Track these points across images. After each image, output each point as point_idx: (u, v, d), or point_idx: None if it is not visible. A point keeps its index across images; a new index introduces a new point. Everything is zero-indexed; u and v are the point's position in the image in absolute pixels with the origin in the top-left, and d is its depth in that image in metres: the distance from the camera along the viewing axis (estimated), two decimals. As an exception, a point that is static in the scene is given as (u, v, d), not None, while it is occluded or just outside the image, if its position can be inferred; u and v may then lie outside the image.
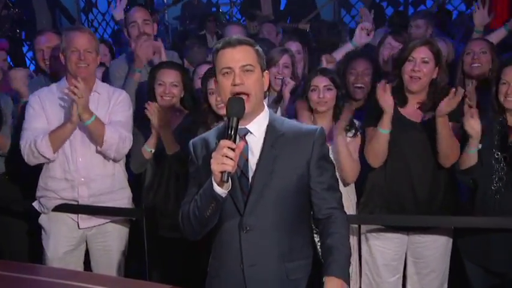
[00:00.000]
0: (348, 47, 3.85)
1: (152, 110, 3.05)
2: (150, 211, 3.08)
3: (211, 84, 3.02)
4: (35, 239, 3.37)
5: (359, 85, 3.40)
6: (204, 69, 3.48)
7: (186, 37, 4.47)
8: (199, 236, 2.02)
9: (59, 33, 3.84)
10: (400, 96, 2.94)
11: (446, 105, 2.73)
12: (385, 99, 2.82)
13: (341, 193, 2.05)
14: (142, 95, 3.49)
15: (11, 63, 3.95)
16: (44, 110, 3.05)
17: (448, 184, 2.96)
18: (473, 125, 2.69)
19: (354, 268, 3.11)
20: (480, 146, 2.75)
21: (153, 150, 3.19)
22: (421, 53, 2.87)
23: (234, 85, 1.91)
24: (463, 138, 2.81)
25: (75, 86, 2.84)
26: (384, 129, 2.85)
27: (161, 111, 3.07)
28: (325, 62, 3.62)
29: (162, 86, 3.21)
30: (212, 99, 3.07)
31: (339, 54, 3.80)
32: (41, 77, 3.73)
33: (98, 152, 3.06)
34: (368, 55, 3.65)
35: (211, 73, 3.06)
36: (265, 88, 2.04)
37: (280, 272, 1.97)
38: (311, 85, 3.05)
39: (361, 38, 3.84)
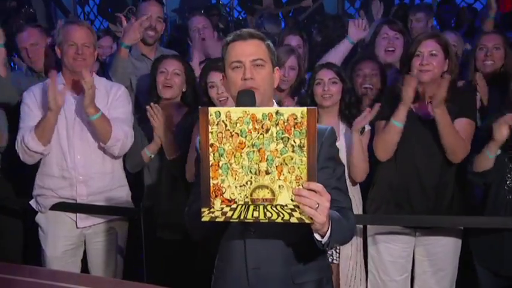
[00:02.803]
0: (346, 44, 3.67)
1: (154, 113, 2.97)
2: (149, 211, 3.02)
3: (212, 78, 2.95)
4: (30, 238, 3.31)
5: (367, 85, 3.31)
6: None
7: (185, 31, 4.36)
8: (205, 236, 1.97)
9: (39, 26, 3.80)
10: None
11: (436, 94, 2.68)
12: (409, 91, 2.76)
13: (350, 199, 1.96)
14: (143, 89, 3.42)
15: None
16: (39, 106, 2.98)
17: (456, 181, 2.89)
18: (504, 131, 2.62)
19: (359, 269, 3.05)
20: (499, 151, 2.68)
21: (152, 156, 3.13)
22: (429, 47, 2.80)
23: (245, 79, 1.85)
24: (478, 138, 2.74)
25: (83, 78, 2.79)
26: (399, 121, 2.80)
27: (163, 115, 2.98)
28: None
29: (164, 73, 3.14)
30: (213, 93, 2.98)
31: (338, 53, 3.62)
32: (29, 73, 3.66)
33: (98, 148, 3.01)
34: (374, 57, 3.54)
35: (211, 66, 3.02)
36: (275, 85, 1.98)
37: (285, 276, 1.89)
38: (316, 79, 3.00)
39: (356, 33, 3.69)
